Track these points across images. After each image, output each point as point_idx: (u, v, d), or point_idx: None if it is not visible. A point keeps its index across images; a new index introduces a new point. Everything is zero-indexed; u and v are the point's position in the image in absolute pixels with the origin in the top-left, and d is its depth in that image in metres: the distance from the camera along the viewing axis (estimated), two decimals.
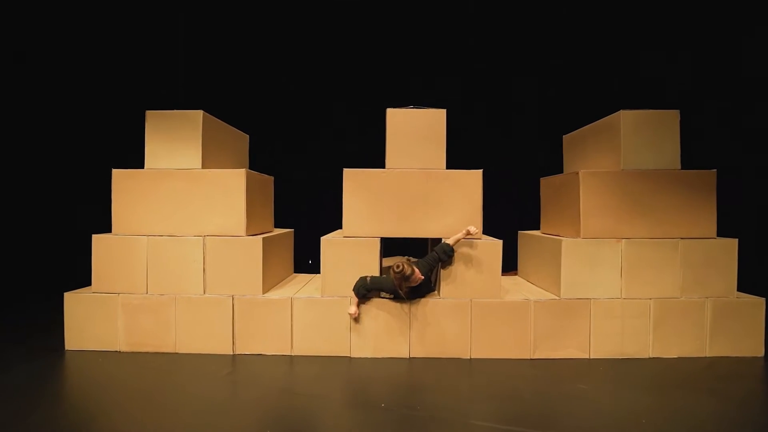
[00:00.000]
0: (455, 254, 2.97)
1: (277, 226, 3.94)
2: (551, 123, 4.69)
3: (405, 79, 4.76)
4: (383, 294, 2.95)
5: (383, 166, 3.11)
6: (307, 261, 4.08)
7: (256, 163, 3.90)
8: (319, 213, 3.85)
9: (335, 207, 3.07)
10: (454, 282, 2.97)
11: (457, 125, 3.10)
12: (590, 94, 4.67)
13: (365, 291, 2.88)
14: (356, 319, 2.92)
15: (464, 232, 2.90)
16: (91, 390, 2.53)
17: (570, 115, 4.37)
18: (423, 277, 2.80)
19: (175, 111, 3.09)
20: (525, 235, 3.84)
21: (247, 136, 3.97)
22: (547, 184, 3.68)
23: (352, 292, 2.90)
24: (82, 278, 3.21)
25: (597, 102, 4.21)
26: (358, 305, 2.93)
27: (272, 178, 3.78)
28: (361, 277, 2.88)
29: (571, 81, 4.79)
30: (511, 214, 4.60)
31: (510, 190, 4.84)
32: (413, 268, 2.76)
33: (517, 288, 3.39)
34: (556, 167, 3.90)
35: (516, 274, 4.00)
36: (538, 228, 3.91)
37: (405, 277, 2.73)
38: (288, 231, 3.84)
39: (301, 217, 4.51)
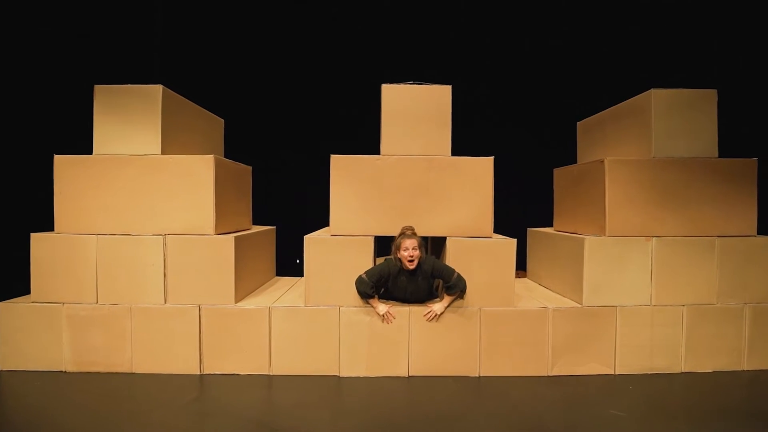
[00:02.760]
0: (463, 254, 2.57)
1: (259, 222, 3.48)
2: (559, 108, 4.29)
3: (398, 59, 4.28)
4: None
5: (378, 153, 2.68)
6: (295, 261, 3.61)
7: (235, 152, 3.40)
8: (311, 207, 3.35)
9: (327, 200, 2.63)
10: None
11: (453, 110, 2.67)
12: (603, 77, 4.26)
13: (371, 288, 2.48)
14: (384, 318, 2.53)
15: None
16: (29, 418, 2.13)
17: (581, 100, 3.99)
18: (413, 265, 2.46)
19: (129, 85, 2.61)
20: (536, 233, 3.44)
21: (222, 120, 3.49)
22: (562, 175, 3.28)
23: (363, 300, 2.53)
24: (19, 285, 2.73)
25: (612, 85, 3.83)
26: (381, 301, 2.57)
27: (250, 168, 3.32)
28: (358, 278, 2.48)
29: (579, 63, 4.38)
30: (515, 209, 4.16)
31: (514, 183, 4.40)
32: (418, 240, 2.45)
33: (530, 293, 3.00)
34: (567, 157, 3.51)
35: (524, 275, 3.60)
36: (548, 224, 3.53)
37: (402, 234, 2.46)
38: (269, 228, 3.39)
39: (290, 213, 4.03)
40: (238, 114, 4.10)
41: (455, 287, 2.48)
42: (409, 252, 2.42)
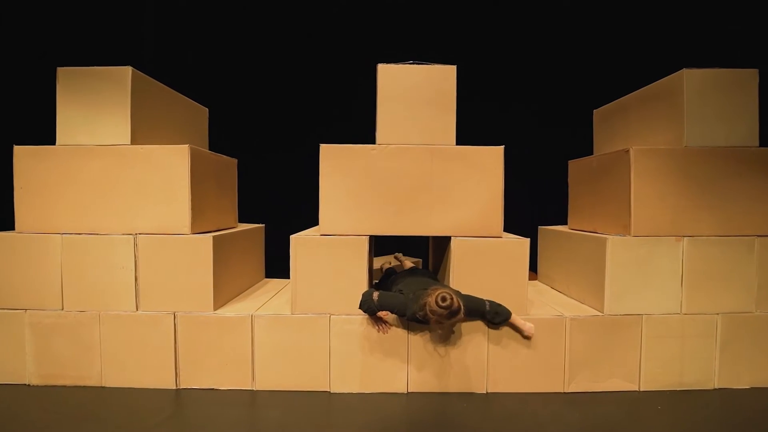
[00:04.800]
0: (470, 256, 2.29)
1: (248, 220, 3.21)
2: (571, 96, 3.97)
3: (397, 41, 3.94)
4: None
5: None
6: (287, 262, 3.33)
7: (223, 145, 3.12)
8: (309, 203, 3.07)
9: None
10: (466, 293, 2.26)
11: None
12: (621, 61, 3.92)
13: (375, 314, 2.20)
14: (379, 328, 2.26)
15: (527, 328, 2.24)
16: None
17: (595, 86, 3.66)
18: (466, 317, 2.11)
19: (94, 68, 2.34)
20: (548, 232, 3.15)
21: (206, 109, 3.21)
22: (578, 167, 2.97)
23: (360, 311, 2.23)
24: None
25: (632, 70, 3.50)
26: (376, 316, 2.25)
27: (235, 160, 3.04)
28: (366, 292, 2.20)
29: (594, 46, 4.04)
30: (522, 206, 3.84)
31: (520, 176, 4.08)
32: (461, 304, 2.03)
33: (543, 299, 2.71)
34: (581, 148, 3.19)
35: (534, 278, 3.31)
36: (560, 222, 3.25)
37: (452, 313, 2.00)
38: (256, 226, 3.12)
39: (287, 209, 3.74)
40: (226, 103, 3.82)
41: (497, 317, 2.19)
42: (458, 318, 2.03)
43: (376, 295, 2.17)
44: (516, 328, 2.26)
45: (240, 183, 3.12)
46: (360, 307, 2.19)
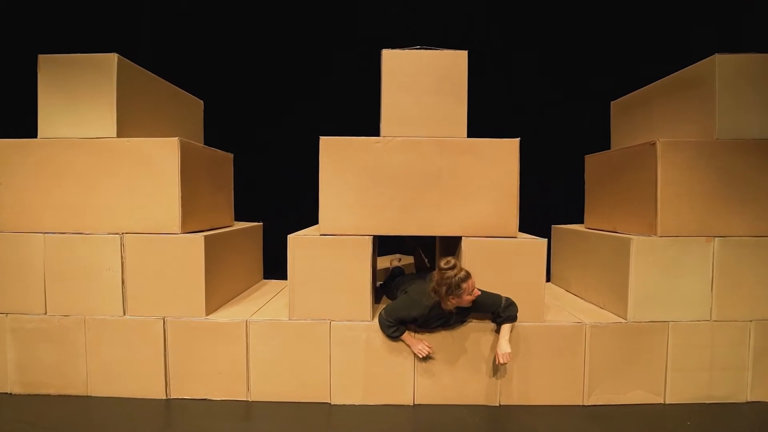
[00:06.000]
0: (482, 258, 2.12)
1: (245, 218, 3.05)
2: (585, 87, 3.77)
3: (400, 28, 3.74)
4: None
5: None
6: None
7: (220, 140, 2.95)
8: (309, 201, 2.89)
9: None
10: None
11: None
12: (642, 47, 3.69)
13: (393, 329, 2.06)
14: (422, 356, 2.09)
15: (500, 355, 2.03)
16: None
17: (612, 77, 3.47)
18: (474, 298, 1.96)
19: (78, 55, 2.18)
20: (563, 231, 2.97)
21: (201, 102, 3.05)
22: (596, 162, 2.79)
23: (392, 339, 2.11)
24: None
25: (653, 58, 3.30)
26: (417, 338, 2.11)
27: (231, 155, 2.88)
28: (378, 317, 2.10)
29: (611, 33, 3.82)
30: (531, 203, 3.64)
31: (530, 172, 3.87)
32: (469, 275, 1.92)
33: (559, 303, 2.54)
34: (596, 142, 3.00)
35: (548, 280, 3.14)
36: (572, 220, 3.08)
37: (460, 281, 1.88)
38: (253, 225, 2.96)
39: (288, 207, 3.57)
40: (224, 97, 3.66)
41: (511, 317, 2.04)
42: (464, 289, 1.90)
43: (383, 313, 2.08)
44: (498, 338, 2.06)
45: (239, 180, 2.97)
46: (393, 336, 2.08)
